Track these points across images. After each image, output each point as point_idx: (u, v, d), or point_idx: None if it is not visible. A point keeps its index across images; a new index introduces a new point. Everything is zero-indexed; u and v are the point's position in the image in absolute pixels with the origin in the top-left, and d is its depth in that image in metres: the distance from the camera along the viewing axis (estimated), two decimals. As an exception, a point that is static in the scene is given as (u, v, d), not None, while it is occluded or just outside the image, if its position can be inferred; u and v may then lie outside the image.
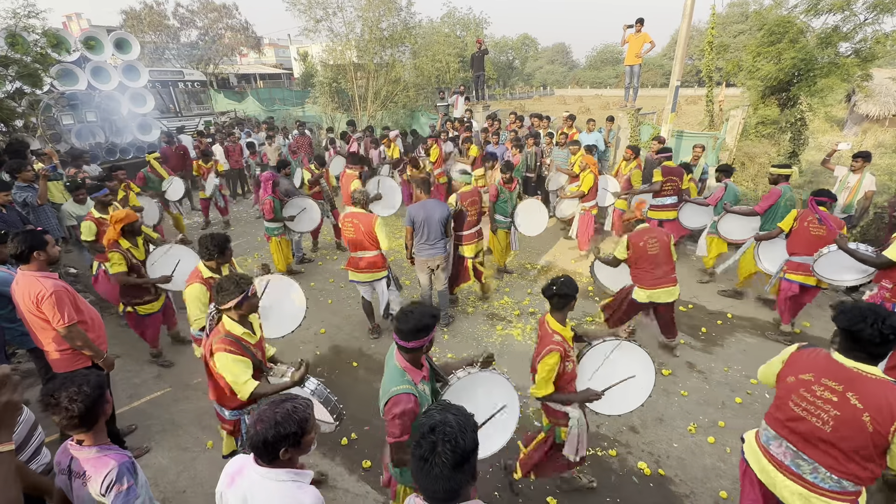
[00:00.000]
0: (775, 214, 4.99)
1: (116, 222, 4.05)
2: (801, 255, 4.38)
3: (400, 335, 2.10)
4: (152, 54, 24.24)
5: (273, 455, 1.57)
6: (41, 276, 2.88)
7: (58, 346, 2.98)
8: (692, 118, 15.78)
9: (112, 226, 4.07)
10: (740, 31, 28.49)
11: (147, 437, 3.68)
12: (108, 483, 1.71)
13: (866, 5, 7.31)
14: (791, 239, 4.50)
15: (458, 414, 1.39)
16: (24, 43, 8.10)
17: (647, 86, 37.95)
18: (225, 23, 27.05)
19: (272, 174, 6.16)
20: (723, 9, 30.65)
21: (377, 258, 4.64)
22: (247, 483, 1.62)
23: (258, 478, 1.60)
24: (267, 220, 6.10)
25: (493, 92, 27.97)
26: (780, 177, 5.13)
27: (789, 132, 8.49)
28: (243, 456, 1.70)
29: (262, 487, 1.59)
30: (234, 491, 1.63)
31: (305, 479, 1.65)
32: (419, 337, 2.09)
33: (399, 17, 14.30)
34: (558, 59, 58.83)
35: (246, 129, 12.80)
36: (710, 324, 5.15)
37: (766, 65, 8.21)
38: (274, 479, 1.59)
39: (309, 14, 13.86)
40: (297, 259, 7.10)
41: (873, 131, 14.78)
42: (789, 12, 8.22)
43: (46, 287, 2.82)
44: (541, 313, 5.41)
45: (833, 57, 7.81)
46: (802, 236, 4.38)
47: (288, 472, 1.61)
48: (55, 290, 2.85)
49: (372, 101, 14.69)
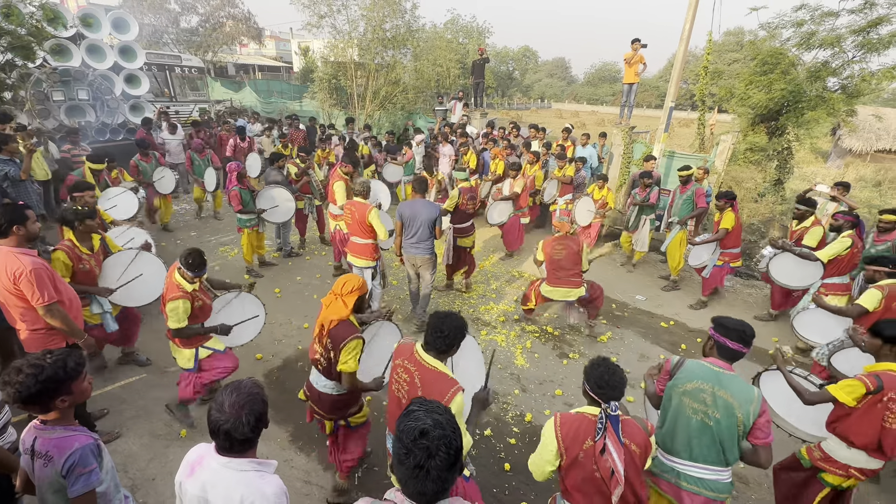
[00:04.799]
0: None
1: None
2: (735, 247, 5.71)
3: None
4: (150, 37, 23.88)
5: (252, 436, 1.55)
6: (20, 253, 2.79)
7: (30, 325, 2.89)
8: (684, 140, 16.13)
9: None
10: (735, 59, 29.23)
11: (119, 422, 3.60)
12: (69, 465, 1.66)
13: (855, 44, 7.57)
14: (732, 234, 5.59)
15: (443, 413, 1.36)
16: (18, 14, 7.93)
17: (641, 106, 38.65)
18: (227, 11, 26.80)
19: (237, 164, 6.01)
20: (719, 36, 31.40)
21: (366, 247, 4.89)
22: (206, 473, 1.57)
23: (218, 467, 1.55)
24: (237, 212, 5.94)
25: (492, 101, 28.22)
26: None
27: (776, 160, 8.72)
28: (204, 445, 1.65)
29: (221, 477, 1.54)
30: (193, 481, 1.58)
31: (268, 469, 1.61)
32: None
33: (403, 19, 14.36)
34: (557, 73, 59.60)
35: (240, 120, 12.68)
36: (690, 341, 5.25)
37: (757, 93, 8.43)
38: (235, 468, 1.55)
39: (313, 9, 13.84)
40: (284, 253, 7.04)
41: (855, 165, 15.28)
42: (782, 45, 8.47)
43: (25, 264, 2.74)
44: (525, 321, 5.46)
45: (821, 91, 8.05)
46: (737, 230, 5.66)
47: (250, 462, 1.57)
48: (34, 267, 2.76)
49: (370, 101, 14.69)
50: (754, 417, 2.14)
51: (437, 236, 4.97)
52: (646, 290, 6.47)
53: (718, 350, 2.32)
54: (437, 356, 2.21)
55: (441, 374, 2.16)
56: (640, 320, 5.70)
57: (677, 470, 2.29)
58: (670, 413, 2.32)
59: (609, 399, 1.98)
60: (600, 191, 7.02)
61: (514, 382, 4.41)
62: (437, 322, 2.21)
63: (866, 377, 2.45)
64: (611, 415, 1.92)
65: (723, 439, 2.18)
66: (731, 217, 5.51)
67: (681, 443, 2.28)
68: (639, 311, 5.93)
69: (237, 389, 1.57)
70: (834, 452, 2.62)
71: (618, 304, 6.04)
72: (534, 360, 4.77)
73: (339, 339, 2.58)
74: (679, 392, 2.29)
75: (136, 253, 3.88)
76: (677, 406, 2.29)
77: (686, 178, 6.27)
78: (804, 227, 5.15)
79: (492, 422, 3.87)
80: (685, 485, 2.27)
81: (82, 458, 1.69)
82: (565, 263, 4.77)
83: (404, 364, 2.26)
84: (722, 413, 2.16)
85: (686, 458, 2.27)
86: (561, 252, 4.77)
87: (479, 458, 3.50)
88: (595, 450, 1.93)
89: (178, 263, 3.25)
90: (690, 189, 6.20)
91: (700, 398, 2.22)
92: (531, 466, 2.14)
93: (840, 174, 13.81)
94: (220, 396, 1.56)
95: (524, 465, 3.42)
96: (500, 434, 3.74)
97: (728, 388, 2.18)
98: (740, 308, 6.12)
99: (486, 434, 3.72)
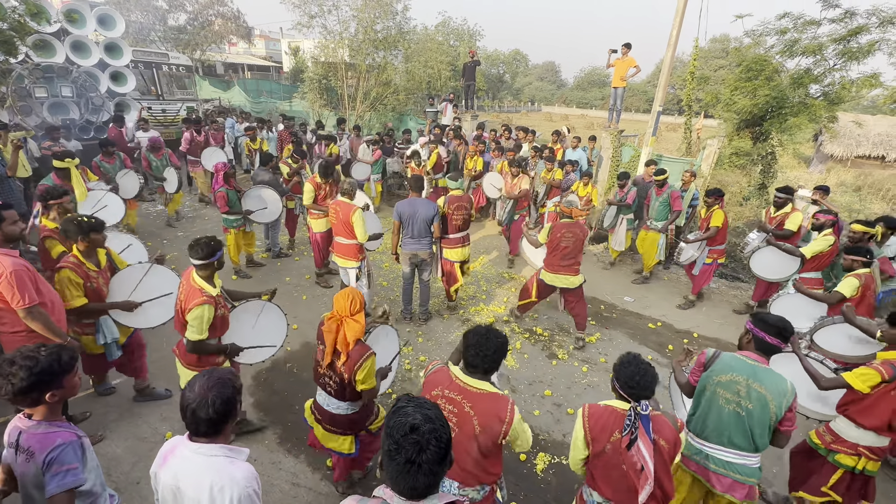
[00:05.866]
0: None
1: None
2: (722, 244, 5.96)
3: None
4: (137, 34, 23.48)
5: (217, 421, 1.55)
6: (0, 254, 2.71)
7: (9, 328, 2.80)
8: (671, 144, 16.37)
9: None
10: (720, 65, 29.77)
11: (102, 424, 3.53)
12: (48, 461, 1.64)
13: (836, 52, 7.77)
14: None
15: (432, 408, 1.36)
16: (0, 9, 7.75)
17: (630, 110, 39.15)
18: (216, 9, 26.49)
19: (224, 164, 5.95)
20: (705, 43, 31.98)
21: (350, 247, 4.92)
22: (178, 461, 1.58)
23: (189, 454, 1.57)
24: (222, 213, 5.86)
25: (482, 103, 28.32)
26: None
27: (760, 165, 8.90)
28: (179, 437, 1.66)
29: (191, 463, 1.55)
30: (166, 470, 1.59)
31: (239, 456, 1.61)
32: None
33: (394, 20, 14.36)
34: (547, 76, 60.11)
35: (229, 119, 12.54)
36: (676, 342, 5.32)
37: (742, 99, 8.60)
38: (206, 454, 1.55)
39: (303, 9, 13.77)
40: (273, 254, 6.98)
41: (836, 170, 15.65)
42: (766, 52, 8.66)
43: (5, 266, 2.65)
44: (514, 322, 5.49)
45: (803, 97, 8.24)
46: (725, 227, 5.82)
47: (221, 448, 1.58)
48: (15, 268, 2.67)
49: (361, 102, 14.64)
50: (786, 409, 2.23)
51: (434, 234, 4.99)
52: (633, 292, 6.55)
53: (756, 344, 2.35)
54: (483, 377, 2.11)
55: (493, 395, 2.06)
56: (628, 321, 5.76)
57: (706, 452, 2.40)
58: (703, 402, 2.40)
59: (640, 398, 1.97)
60: (585, 188, 7.13)
61: (504, 383, 4.40)
62: (479, 341, 2.07)
63: (881, 366, 2.56)
64: (642, 414, 1.92)
65: (753, 429, 2.26)
66: (721, 214, 5.68)
67: (712, 429, 2.36)
68: (627, 312, 6.00)
69: (210, 374, 1.60)
70: (843, 432, 2.75)
71: (606, 306, 6.10)
72: (523, 360, 4.79)
73: (354, 362, 2.51)
74: (714, 383, 2.35)
75: (149, 267, 3.42)
76: (711, 396, 2.36)
77: (662, 181, 6.43)
78: (784, 213, 5.44)
79: (481, 422, 3.87)
80: (713, 466, 2.37)
81: (62, 454, 1.66)
82: (570, 251, 4.73)
83: (446, 394, 2.09)
84: (755, 405, 2.24)
85: (716, 442, 2.36)
86: (570, 239, 4.69)
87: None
88: (622, 444, 1.94)
89: (191, 268, 2.98)
90: (666, 191, 6.39)
91: (734, 389, 2.28)
92: (570, 458, 2.20)
93: (822, 179, 14.14)
94: (193, 380, 1.59)
95: (515, 464, 3.44)
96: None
97: (763, 381, 2.25)
98: (725, 308, 6.23)
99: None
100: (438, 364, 2.28)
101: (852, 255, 3.91)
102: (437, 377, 2.18)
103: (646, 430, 1.90)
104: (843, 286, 3.85)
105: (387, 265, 6.87)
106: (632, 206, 6.94)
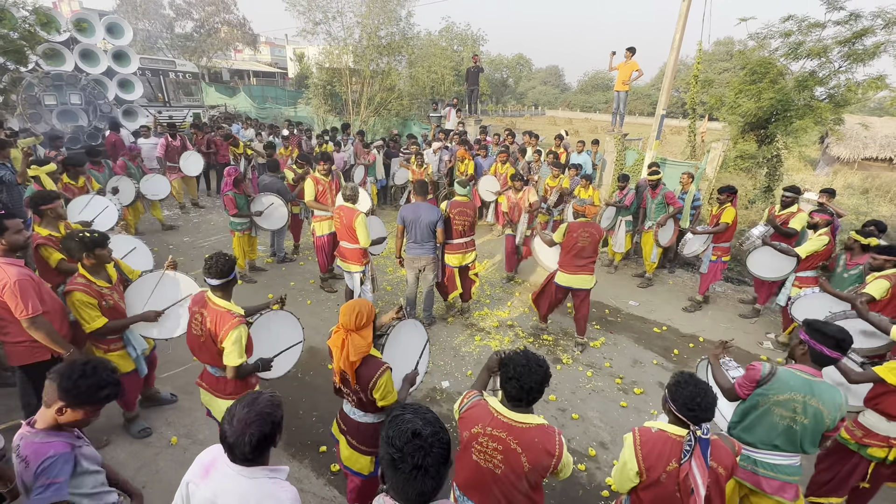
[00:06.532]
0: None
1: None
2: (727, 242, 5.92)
3: None
4: (145, 42, 23.86)
5: (252, 457, 1.52)
6: (4, 263, 2.72)
7: (14, 338, 2.80)
8: (675, 147, 16.32)
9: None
10: (725, 68, 29.72)
11: (108, 429, 3.54)
12: (38, 472, 1.65)
13: (841, 54, 7.73)
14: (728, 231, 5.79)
15: (428, 411, 1.38)
16: (11, 18, 7.90)
17: (634, 113, 39.15)
18: (222, 17, 26.88)
19: (234, 169, 6.04)
20: (709, 46, 31.98)
21: (355, 252, 4.93)
22: (219, 477, 1.55)
23: (231, 472, 1.54)
24: (231, 215, 5.97)
25: (486, 107, 28.43)
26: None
27: (765, 167, 8.85)
28: (217, 447, 1.63)
29: (235, 483, 1.53)
30: (207, 484, 1.56)
31: (281, 475, 1.59)
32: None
33: (398, 26, 14.48)
34: (551, 80, 60.24)
35: (235, 125, 12.67)
36: (682, 346, 5.28)
37: (746, 102, 8.56)
38: (247, 476, 1.53)
39: (308, 16, 13.93)
40: (277, 259, 7.02)
41: (843, 173, 15.53)
42: (771, 54, 8.63)
43: (10, 275, 2.66)
44: (519, 326, 5.48)
45: (809, 100, 8.19)
46: (734, 226, 5.82)
47: (262, 469, 1.56)
48: (19, 278, 2.68)
49: (365, 107, 14.74)
50: (839, 420, 2.25)
51: (438, 239, 4.99)
52: (638, 296, 6.52)
53: (812, 356, 2.28)
54: (527, 409, 1.96)
55: (539, 428, 1.91)
56: (633, 325, 5.73)
57: (753, 458, 2.40)
58: (754, 416, 2.37)
59: (700, 421, 1.85)
60: (585, 191, 7.13)
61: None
62: (521, 373, 1.89)
63: None
64: (702, 438, 1.80)
65: (804, 439, 2.29)
66: (732, 212, 5.65)
67: (761, 439, 2.36)
68: (632, 316, 5.96)
69: (251, 405, 1.54)
70: (874, 426, 2.74)
71: (611, 310, 6.07)
72: (528, 365, 4.77)
73: (367, 380, 2.26)
74: (770, 402, 2.31)
75: (161, 274, 3.31)
76: (765, 412, 2.33)
77: (655, 182, 6.47)
78: (790, 212, 5.41)
79: (486, 427, 3.85)
80: (762, 471, 2.38)
81: (51, 467, 1.66)
82: (587, 251, 4.68)
83: (488, 432, 1.91)
84: (810, 419, 2.25)
85: (762, 448, 2.37)
86: (586, 239, 4.64)
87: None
88: (680, 473, 1.83)
89: (202, 292, 2.80)
90: (660, 193, 6.44)
91: (791, 407, 2.26)
92: (614, 480, 2.09)
93: (828, 181, 14.04)
94: (234, 406, 1.55)
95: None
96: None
97: (819, 396, 2.23)
98: (731, 312, 6.18)
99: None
100: (475, 397, 2.07)
101: (885, 254, 3.80)
102: (477, 413, 1.98)
103: (703, 455, 1.78)
104: (872, 288, 3.71)
105: (391, 269, 6.88)
106: (630, 208, 6.97)
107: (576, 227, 4.66)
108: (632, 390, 4.42)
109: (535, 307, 5.31)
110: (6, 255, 2.79)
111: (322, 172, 5.75)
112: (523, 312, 5.86)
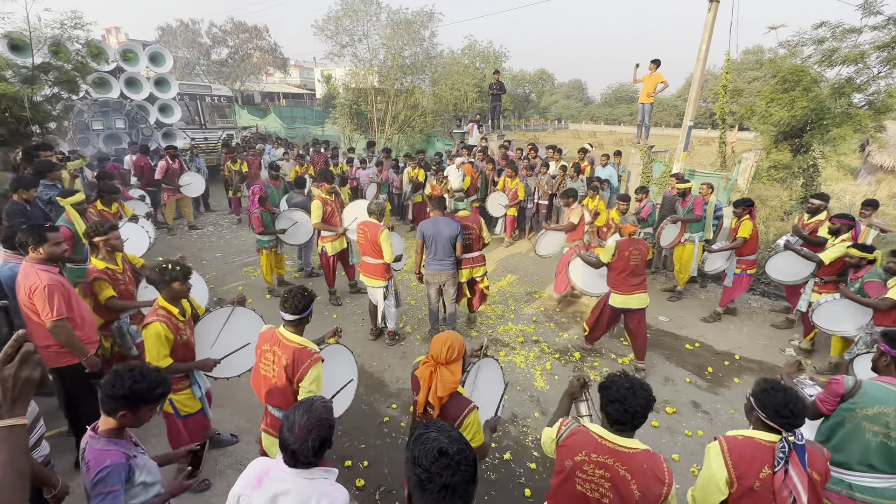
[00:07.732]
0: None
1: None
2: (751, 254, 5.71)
3: None
4: (183, 68, 25.28)
5: (314, 460, 1.63)
6: (40, 269, 2.90)
7: (42, 342, 2.92)
8: (704, 158, 15.93)
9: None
10: (755, 77, 29.00)
11: (143, 440, 3.64)
12: (95, 480, 1.71)
13: (880, 59, 7.44)
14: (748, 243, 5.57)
15: (453, 429, 1.36)
16: (66, 52, 8.54)
17: (660, 125, 38.51)
18: (255, 43, 28.27)
19: (260, 188, 6.27)
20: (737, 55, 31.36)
21: (378, 267, 4.96)
22: (276, 482, 1.64)
23: (288, 476, 1.63)
24: (257, 233, 6.12)
25: (509, 122, 28.57)
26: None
27: (802, 178, 8.52)
28: (267, 458, 1.74)
29: (294, 485, 1.62)
30: (262, 492, 1.64)
31: (332, 476, 1.69)
32: None
33: (422, 46, 14.86)
34: (574, 94, 60.09)
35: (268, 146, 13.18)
36: (716, 364, 5.07)
37: (779, 111, 8.32)
38: (306, 477, 1.63)
39: (335, 40, 14.49)
40: (305, 273, 7.18)
41: (887, 182, 14.74)
42: (803, 62, 8.40)
43: (42, 279, 2.84)
44: (544, 342, 5.39)
45: (846, 107, 7.90)
46: (755, 238, 5.61)
47: (319, 470, 1.66)
48: (49, 283, 2.85)
49: (390, 125, 15.09)
50: None
51: (457, 253, 4.99)
52: (668, 311, 6.32)
53: None
54: (632, 434, 1.87)
55: (646, 454, 1.82)
56: (664, 342, 5.55)
57: (848, 481, 2.29)
58: (842, 433, 2.29)
59: (792, 427, 1.82)
60: (592, 201, 6.97)
61: (534, 405, 4.32)
62: (625, 395, 1.82)
63: None
64: (797, 444, 1.77)
65: None
66: (749, 225, 5.50)
67: (855, 459, 2.27)
68: (662, 332, 5.78)
69: (309, 411, 1.65)
70: None
71: (640, 326, 5.90)
72: (553, 382, 4.68)
73: (453, 418, 2.13)
74: (859, 417, 2.24)
75: (231, 310, 3.14)
76: (853, 429, 2.25)
77: (684, 191, 6.39)
78: (818, 220, 5.24)
79: (511, 445, 3.79)
80: (859, 495, 2.27)
81: (108, 476, 1.72)
82: (640, 268, 4.55)
83: (594, 458, 1.82)
84: None
85: (859, 470, 2.26)
86: (637, 257, 4.48)
87: (498, 482, 3.42)
88: (776, 481, 1.77)
89: (272, 329, 2.68)
90: (689, 201, 6.36)
91: (882, 421, 2.18)
92: (696, 498, 2.00)
93: (871, 191, 13.34)
94: (292, 416, 1.65)
95: (545, 491, 3.33)
96: (520, 458, 3.65)
97: None
98: (768, 328, 5.89)
99: (505, 458, 3.64)
100: (572, 423, 1.98)
101: None
102: (579, 440, 1.89)
103: (801, 461, 1.75)
104: (895, 292, 3.69)
105: (414, 284, 6.92)
106: (647, 221, 6.82)
107: (625, 246, 4.48)
108: (664, 409, 4.26)
109: (589, 330, 5.05)
110: (43, 262, 2.96)
111: (326, 192, 5.79)
112: (548, 328, 5.77)
